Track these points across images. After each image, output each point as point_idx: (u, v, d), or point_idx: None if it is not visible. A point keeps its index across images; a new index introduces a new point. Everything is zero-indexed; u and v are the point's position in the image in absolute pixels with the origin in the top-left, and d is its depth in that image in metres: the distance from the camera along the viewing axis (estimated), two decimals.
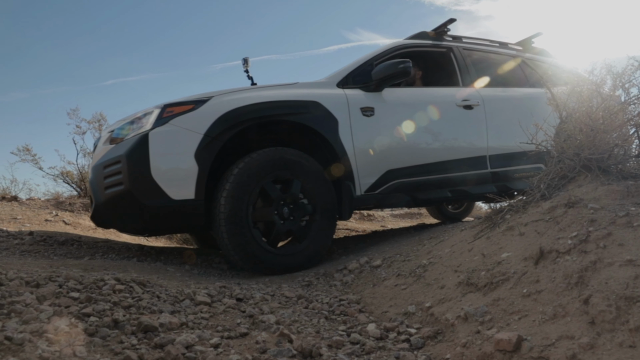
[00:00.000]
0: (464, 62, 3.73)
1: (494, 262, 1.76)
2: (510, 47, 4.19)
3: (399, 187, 3.12)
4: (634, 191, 1.83)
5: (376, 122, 3.07)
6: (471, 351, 1.32)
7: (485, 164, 3.51)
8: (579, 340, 1.18)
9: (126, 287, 1.70)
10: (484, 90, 3.64)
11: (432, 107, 3.31)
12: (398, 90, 3.32)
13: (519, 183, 3.65)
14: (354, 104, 3.02)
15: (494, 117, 3.56)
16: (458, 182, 3.37)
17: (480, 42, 4.01)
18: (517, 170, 3.62)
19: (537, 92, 3.83)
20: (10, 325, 1.20)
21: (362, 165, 2.96)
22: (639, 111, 2.22)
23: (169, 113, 2.59)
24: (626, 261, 1.36)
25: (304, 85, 3.03)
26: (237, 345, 1.37)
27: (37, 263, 1.97)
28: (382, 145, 3.07)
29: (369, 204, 3.07)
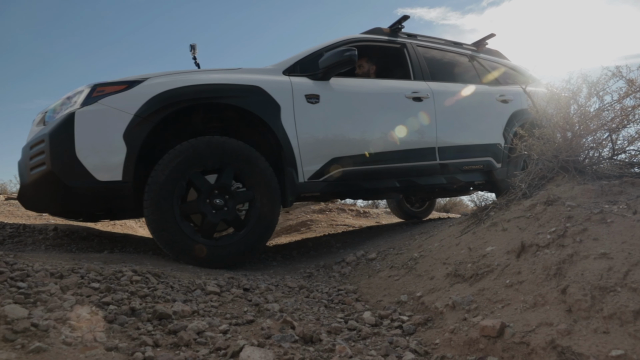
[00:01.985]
0: (416, 57, 3.53)
1: (479, 255, 1.76)
2: (465, 47, 4.03)
3: (345, 175, 2.89)
4: (607, 190, 1.84)
5: (321, 110, 2.84)
6: (458, 337, 1.32)
7: (434, 156, 3.30)
8: (557, 327, 1.18)
9: (142, 278, 1.70)
10: (435, 84, 3.46)
11: (380, 97, 3.14)
12: (346, 80, 3.09)
13: (469, 175, 3.51)
14: (299, 90, 2.78)
15: (443, 110, 3.38)
16: (406, 173, 3.16)
17: (434, 40, 3.84)
18: (466, 162, 3.46)
19: (488, 89, 3.75)
20: (37, 313, 1.20)
21: (305, 152, 2.73)
22: (612, 117, 2.22)
23: (99, 92, 2.33)
24: (600, 254, 1.36)
25: (247, 70, 2.76)
26: (244, 331, 1.37)
27: (61, 256, 1.97)
28: (327, 132, 2.85)
29: (314, 191, 2.82)
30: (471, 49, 4.04)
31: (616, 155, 2.20)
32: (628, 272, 1.24)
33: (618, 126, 2.18)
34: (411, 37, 3.65)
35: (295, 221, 5.60)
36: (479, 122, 3.57)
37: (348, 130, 2.93)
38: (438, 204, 10.05)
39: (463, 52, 3.93)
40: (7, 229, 2.95)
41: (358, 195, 3.40)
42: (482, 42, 4.09)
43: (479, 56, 4.01)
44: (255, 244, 2.51)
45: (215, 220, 2.41)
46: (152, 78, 2.45)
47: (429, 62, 3.59)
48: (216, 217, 2.41)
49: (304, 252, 3.43)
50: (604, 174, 2.08)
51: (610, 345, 1.07)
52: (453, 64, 3.81)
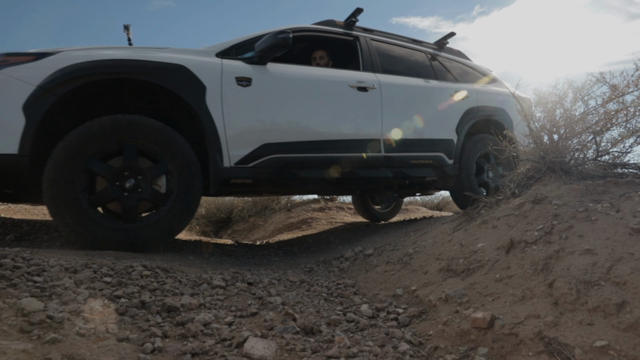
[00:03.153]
0: (368, 50, 3.28)
1: (470, 251, 1.76)
2: (426, 44, 3.82)
3: (277, 162, 2.62)
4: (592, 190, 1.84)
5: (253, 93, 2.58)
6: (451, 328, 1.32)
7: (378, 148, 3.02)
8: (544, 319, 1.18)
9: (152, 272, 1.70)
10: (384, 76, 3.20)
11: (321, 85, 2.87)
12: (285, 66, 2.82)
13: (418, 170, 3.25)
14: (229, 72, 2.53)
15: (391, 102, 3.11)
16: (347, 164, 2.88)
17: (391, 36, 3.60)
18: (414, 157, 3.20)
19: (442, 85, 3.57)
20: (52, 305, 1.20)
21: (232, 136, 2.48)
22: (596, 120, 2.22)
23: (3, 62, 2.13)
24: (585, 250, 1.36)
25: (174, 50, 2.50)
26: (248, 323, 1.37)
27: (75, 252, 1.97)
28: (259, 117, 2.59)
29: (242, 177, 2.55)
30: (432, 47, 3.86)
31: (600, 156, 2.20)
32: (611, 267, 1.24)
33: (602, 129, 2.18)
34: (367, 32, 3.43)
35: (297, 219, 5.59)
36: (430, 117, 3.35)
37: (283, 116, 2.68)
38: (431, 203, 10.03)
39: (421, 49, 3.73)
40: (24, 227, 2.94)
41: (294, 184, 3.07)
42: (443, 41, 3.92)
43: (437, 54, 3.82)
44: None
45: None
46: (65, 52, 2.22)
47: (381, 55, 3.36)
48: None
49: (304, 248, 3.44)
50: (589, 174, 2.08)
51: (595, 336, 1.07)
52: (408, 59, 3.59)
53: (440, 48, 3.91)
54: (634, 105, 2.15)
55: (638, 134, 2.13)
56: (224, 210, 6.75)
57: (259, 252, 3.23)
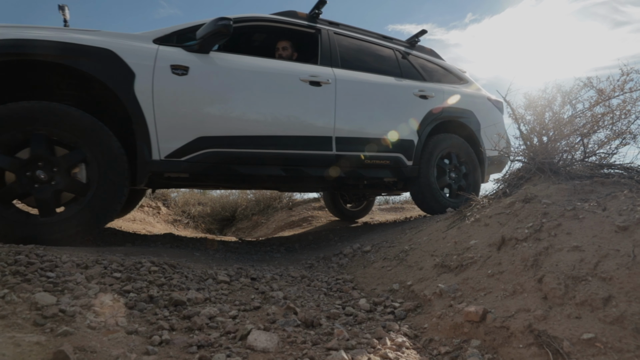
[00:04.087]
0: (328, 44, 2.99)
1: (463, 247, 1.76)
2: (396, 42, 3.55)
3: (214, 157, 2.37)
4: (579, 189, 1.83)
5: (189, 83, 2.31)
6: (445, 321, 1.32)
7: (329, 146, 2.74)
8: (534, 313, 1.18)
9: (160, 268, 1.70)
10: (342, 71, 2.92)
11: (268, 77, 2.59)
12: (229, 55, 2.54)
13: (373, 171, 2.98)
14: (164, 59, 2.27)
15: (347, 98, 2.84)
16: (294, 161, 2.62)
17: (358, 31, 3.32)
18: (369, 156, 2.92)
19: (406, 83, 3.28)
20: (64, 300, 1.20)
21: (163, 127, 2.22)
22: (583, 123, 2.22)
23: None
24: (573, 247, 1.36)
25: (104, 33, 2.23)
26: (252, 316, 1.37)
27: (86, 249, 1.97)
28: (195, 108, 2.32)
29: (174, 170, 2.29)
30: (402, 44, 3.59)
31: (587, 157, 2.20)
32: (598, 263, 1.24)
33: (589, 131, 2.18)
34: (332, 25, 3.16)
35: (298, 217, 5.59)
36: (389, 116, 3.07)
37: (222, 109, 2.42)
38: None
39: (389, 46, 3.45)
40: None
41: (234, 180, 2.79)
42: (414, 38, 3.65)
43: (407, 52, 3.55)
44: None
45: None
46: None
47: (343, 50, 3.08)
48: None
49: (305, 245, 3.43)
50: (577, 174, 2.08)
51: (582, 329, 1.07)
52: (373, 55, 3.29)
53: (412, 46, 3.65)
54: (619, 108, 2.15)
55: (623, 136, 2.13)
56: (228, 209, 6.75)
57: (262, 248, 3.23)
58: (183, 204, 6.25)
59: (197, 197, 6.81)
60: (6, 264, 1.39)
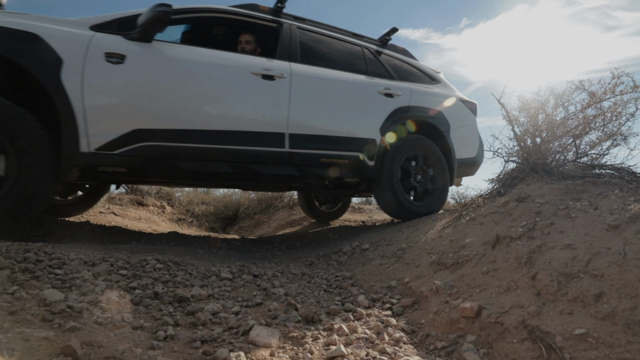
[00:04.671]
0: (289, 38, 2.80)
1: (459, 246, 1.76)
2: (366, 39, 3.33)
3: (152, 150, 2.17)
4: (572, 189, 1.83)
5: (125, 72, 2.12)
6: (441, 317, 1.32)
7: (282, 142, 2.53)
8: (527, 309, 1.18)
9: (164, 266, 1.70)
10: (301, 66, 2.72)
11: (214, 69, 2.39)
12: (174, 45, 2.36)
13: (331, 170, 2.75)
14: (98, 47, 2.09)
15: (303, 94, 2.63)
16: (243, 158, 2.42)
17: (325, 27, 3.12)
18: (326, 155, 2.69)
19: (370, 80, 3.05)
20: (72, 296, 1.20)
21: (94, 117, 2.04)
22: (575, 125, 2.22)
23: None
24: (565, 245, 1.36)
25: (33, 17, 2.06)
26: (254, 312, 1.37)
27: (93, 247, 1.97)
28: (131, 99, 2.13)
29: (106, 164, 2.10)
30: (373, 42, 3.38)
31: (579, 158, 2.20)
32: (590, 261, 1.24)
33: (581, 133, 2.18)
34: (297, 20, 2.98)
35: (298, 216, 5.58)
36: (350, 113, 2.86)
37: (162, 100, 2.21)
38: None
39: (357, 43, 3.23)
40: (46, 223, 2.94)
41: (177, 176, 2.54)
42: (385, 37, 3.42)
43: (377, 50, 3.32)
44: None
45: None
46: None
47: (305, 45, 2.88)
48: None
49: (305, 243, 3.43)
50: (569, 174, 2.08)
51: (574, 324, 1.07)
52: (338, 51, 3.09)
53: (383, 45, 3.42)
54: (610, 110, 2.15)
55: (614, 137, 2.13)
56: (231, 208, 6.75)
57: (264, 246, 3.23)
58: (187, 203, 6.25)
59: (201, 197, 6.81)
60: (15, 261, 1.39)
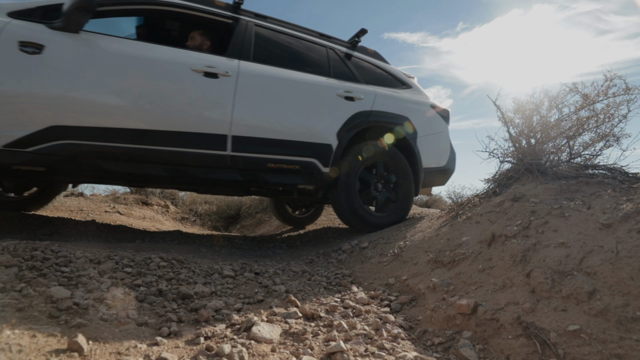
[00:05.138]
0: (243, 35, 2.56)
1: (456, 244, 1.76)
2: (334, 40, 3.09)
3: (72, 149, 1.98)
4: (565, 189, 1.84)
5: (42, 64, 1.93)
6: (438, 314, 1.32)
7: (224, 145, 2.30)
8: (522, 306, 1.18)
9: (168, 263, 1.70)
10: (250, 64, 2.48)
11: (147, 64, 2.16)
12: (105, 38, 2.12)
13: (279, 176, 2.50)
14: (12, 35, 1.90)
15: (250, 94, 2.40)
16: (178, 160, 2.20)
17: (288, 26, 2.88)
18: (273, 160, 2.45)
19: (329, 82, 2.80)
20: (78, 293, 1.20)
21: (2, 111, 1.87)
22: (569, 126, 2.22)
23: None
24: (559, 243, 1.36)
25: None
26: (255, 309, 1.37)
27: (99, 245, 1.97)
28: (47, 93, 1.93)
29: (15, 162, 1.91)
30: (343, 44, 3.13)
31: (573, 159, 2.20)
32: (583, 259, 1.24)
33: (574, 134, 2.18)
34: (258, 17, 2.74)
35: None
36: (303, 116, 2.60)
37: (84, 96, 2.01)
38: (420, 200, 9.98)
39: (322, 44, 2.99)
40: (53, 223, 2.94)
41: (103, 178, 2.31)
42: (354, 39, 3.17)
43: (343, 52, 3.07)
44: None
45: None
46: None
47: (261, 43, 2.65)
48: None
49: (306, 242, 3.43)
50: (563, 174, 2.08)
51: (568, 321, 1.07)
52: (298, 52, 2.85)
53: (353, 47, 3.18)
54: (603, 112, 2.16)
55: (607, 138, 2.13)
56: (233, 207, 6.75)
57: (265, 245, 3.23)
58: (190, 203, 6.26)
59: (204, 196, 6.81)
60: (23, 259, 1.39)
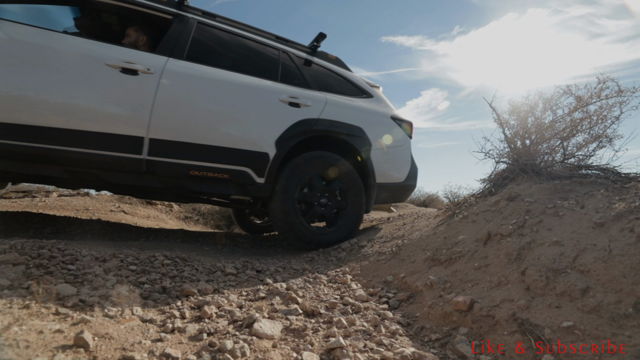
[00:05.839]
0: (179, 32, 2.34)
1: (452, 242, 1.76)
2: (292, 44, 2.85)
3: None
4: (559, 188, 1.83)
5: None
6: (435, 310, 1.32)
7: (139, 149, 2.06)
8: (517, 302, 1.18)
9: (172, 261, 1.70)
10: (180, 62, 2.25)
11: (54, 57, 1.95)
12: (11, 25, 1.94)
13: (205, 185, 2.25)
14: None
15: (175, 94, 2.16)
16: (82, 162, 1.97)
17: (239, 26, 2.64)
18: (197, 167, 2.20)
19: (276, 87, 2.54)
20: (84, 290, 1.20)
21: None
22: (563, 127, 2.22)
23: None
24: (553, 242, 1.36)
25: None
26: (257, 306, 1.37)
27: (104, 244, 1.97)
28: None
29: None
30: (300, 48, 2.89)
31: (567, 159, 2.20)
32: (577, 257, 1.24)
33: (568, 135, 2.18)
34: (205, 15, 2.52)
35: None
36: (237, 121, 2.34)
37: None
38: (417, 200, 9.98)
39: (274, 46, 2.73)
40: (60, 221, 2.94)
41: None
42: (313, 43, 2.93)
43: (297, 55, 2.82)
44: None
45: None
46: None
47: (199, 42, 2.41)
48: None
49: None
50: (557, 175, 2.08)
51: (562, 317, 1.07)
52: (244, 54, 2.58)
53: (313, 51, 2.94)
54: (596, 114, 2.16)
55: (600, 139, 2.13)
56: None
57: (266, 243, 3.23)
58: None
59: None
60: (30, 257, 1.39)
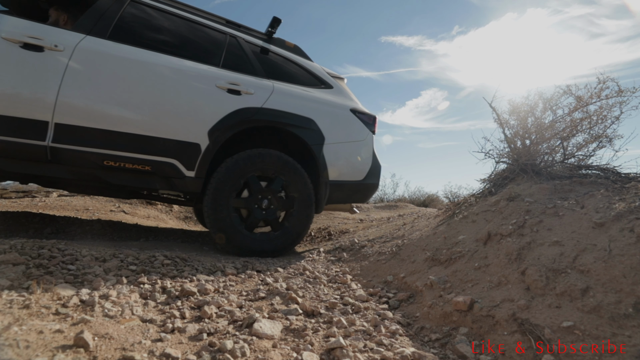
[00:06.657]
0: (103, 9, 2.12)
1: (452, 242, 1.76)
2: (244, 29, 2.63)
3: None
4: (559, 188, 1.83)
5: None
6: (435, 310, 1.32)
7: (42, 134, 1.86)
8: (517, 302, 1.18)
9: (172, 261, 1.70)
10: (98, 41, 2.02)
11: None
12: None
13: (122, 176, 2.04)
14: None
15: (90, 74, 1.95)
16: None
17: (184, 8, 2.43)
18: (111, 156, 1.98)
19: (214, 72, 2.31)
20: (84, 290, 1.20)
21: None
22: (563, 127, 2.22)
23: None
24: (553, 242, 1.36)
25: None
26: (257, 306, 1.36)
27: (104, 244, 1.96)
28: None
29: None
30: (254, 34, 2.66)
31: (567, 159, 2.20)
32: (576, 257, 1.24)
33: (568, 135, 2.18)
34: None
35: None
36: (163, 107, 2.11)
37: None
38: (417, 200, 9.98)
39: (222, 30, 2.50)
40: (60, 221, 2.94)
41: None
42: (269, 29, 2.71)
43: (249, 41, 2.58)
44: None
45: None
46: None
47: (129, 20, 2.18)
48: None
49: (307, 241, 3.43)
50: (557, 175, 2.07)
51: (562, 317, 1.07)
52: (184, 35, 2.35)
53: (268, 38, 2.71)
54: (596, 114, 2.15)
55: (600, 139, 2.13)
56: None
57: None
58: None
59: None
60: (30, 257, 1.39)
